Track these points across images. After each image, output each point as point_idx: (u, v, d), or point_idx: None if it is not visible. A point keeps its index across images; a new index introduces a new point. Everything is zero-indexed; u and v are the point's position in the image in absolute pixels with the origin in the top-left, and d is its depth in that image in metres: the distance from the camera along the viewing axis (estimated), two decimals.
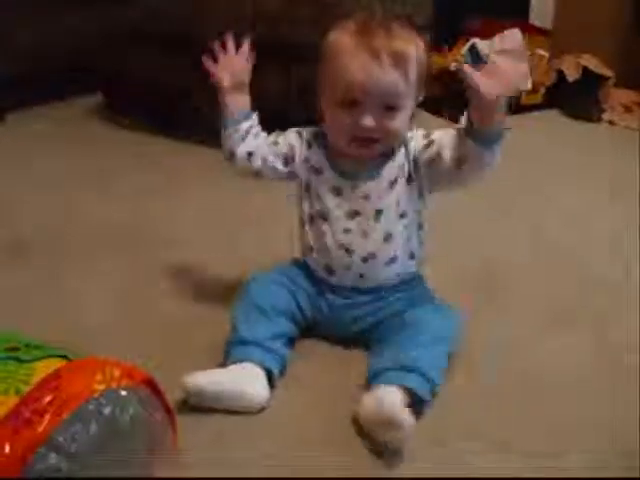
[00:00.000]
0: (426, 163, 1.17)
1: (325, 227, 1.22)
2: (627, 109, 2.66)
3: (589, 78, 2.60)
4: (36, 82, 2.39)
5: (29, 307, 1.37)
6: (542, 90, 2.65)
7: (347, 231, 1.20)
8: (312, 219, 1.24)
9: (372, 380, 1.11)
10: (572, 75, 2.60)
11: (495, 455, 1.04)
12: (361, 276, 1.22)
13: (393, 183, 1.19)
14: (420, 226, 1.25)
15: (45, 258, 1.56)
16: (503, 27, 2.65)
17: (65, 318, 1.33)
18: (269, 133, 1.27)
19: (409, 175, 1.19)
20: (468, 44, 2.66)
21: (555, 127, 2.56)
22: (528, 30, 2.75)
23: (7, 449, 0.76)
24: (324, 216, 1.22)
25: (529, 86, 2.61)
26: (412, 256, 1.25)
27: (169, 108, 2.31)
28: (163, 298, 1.40)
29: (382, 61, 1.09)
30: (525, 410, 1.14)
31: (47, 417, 0.78)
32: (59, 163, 2.08)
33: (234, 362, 1.14)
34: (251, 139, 1.25)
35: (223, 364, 1.15)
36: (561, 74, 2.63)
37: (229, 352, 1.16)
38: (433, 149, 1.16)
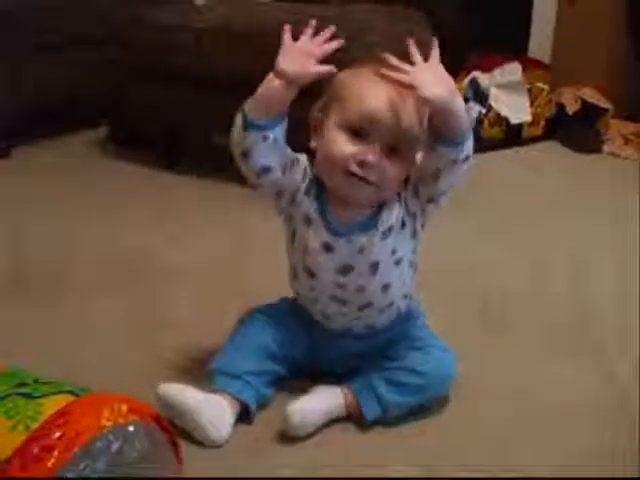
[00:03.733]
0: (411, 196, 1.14)
1: (314, 283, 1.17)
2: (626, 140, 2.68)
3: (588, 110, 2.63)
4: (40, 116, 2.42)
5: (29, 340, 1.38)
6: (542, 122, 2.68)
7: (341, 286, 1.16)
8: (297, 273, 1.19)
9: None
10: (572, 107, 2.63)
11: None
12: (357, 319, 1.21)
13: (387, 232, 1.13)
14: (411, 264, 1.19)
15: (46, 291, 1.57)
16: (503, 61, 2.70)
17: (65, 352, 1.33)
18: None
19: (402, 221, 1.14)
20: (469, 77, 2.69)
21: (555, 159, 2.58)
22: (528, 64, 2.79)
23: None
24: (312, 273, 1.16)
25: (529, 118, 2.63)
26: (405, 296, 1.22)
27: (171, 141, 2.33)
28: (164, 331, 1.41)
29: (405, 100, 1.06)
30: (524, 440, 1.14)
31: (56, 453, 0.79)
32: (62, 196, 2.09)
33: (214, 391, 1.14)
34: (272, 152, 1.09)
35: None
36: (561, 106, 2.66)
37: (211, 379, 1.17)
38: (413, 180, 1.13)
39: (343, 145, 1.07)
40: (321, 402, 1.14)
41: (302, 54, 1.07)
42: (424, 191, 1.13)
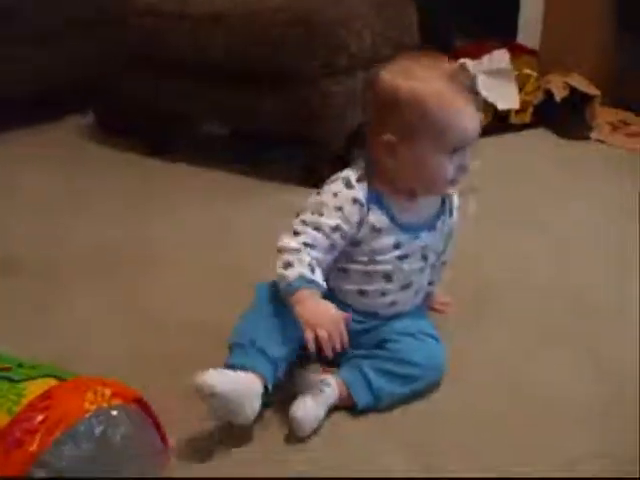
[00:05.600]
0: None
1: (388, 286, 1.22)
2: (614, 127, 2.69)
3: (576, 97, 2.62)
4: (28, 103, 2.40)
5: (18, 327, 1.37)
6: (530, 109, 2.67)
7: (419, 271, 1.24)
8: (372, 276, 1.22)
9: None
10: (560, 94, 2.62)
11: (487, 475, 1.05)
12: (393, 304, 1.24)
13: (440, 232, 1.25)
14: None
15: (35, 279, 1.56)
16: (491, 48, 2.69)
17: (55, 338, 1.33)
18: None
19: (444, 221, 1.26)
20: (457, 64, 2.69)
21: (543, 145, 2.58)
22: (516, 50, 2.78)
23: None
24: (387, 275, 1.21)
25: (517, 105, 2.63)
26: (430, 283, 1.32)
27: (162, 130, 2.32)
28: (154, 319, 1.41)
29: (474, 107, 1.14)
30: (518, 428, 1.14)
31: (38, 437, 0.79)
32: (50, 184, 2.08)
33: (240, 366, 1.10)
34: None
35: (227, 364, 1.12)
36: (549, 93, 2.66)
37: (236, 352, 1.13)
38: None
39: (449, 166, 1.14)
40: (319, 399, 1.13)
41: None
42: None
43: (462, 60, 2.66)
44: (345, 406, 1.16)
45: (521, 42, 2.99)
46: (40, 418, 0.80)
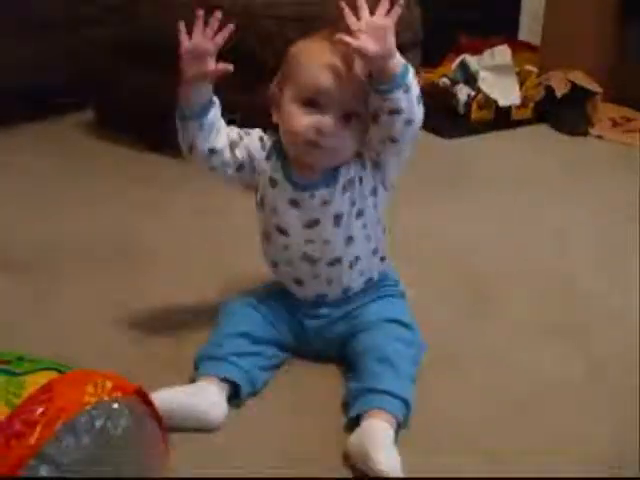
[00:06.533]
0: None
1: (286, 241, 1.21)
2: (615, 123, 2.68)
3: (577, 93, 2.62)
4: (26, 98, 2.39)
5: (17, 321, 1.37)
6: (531, 105, 2.67)
7: (309, 242, 1.20)
8: (270, 234, 1.23)
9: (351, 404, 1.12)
10: (560, 90, 2.62)
11: (486, 467, 1.04)
12: (329, 283, 1.23)
13: (347, 185, 1.18)
14: (378, 221, 1.24)
15: (35, 274, 1.56)
16: (492, 44, 2.69)
17: (55, 333, 1.33)
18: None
19: (360, 177, 1.19)
20: (458, 60, 2.69)
21: (544, 142, 2.57)
22: (517, 46, 2.78)
23: None
24: (283, 230, 1.21)
25: (518, 101, 2.63)
26: (375, 252, 1.25)
27: (159, 124, 2.31)
28: (152, 314, 1.40)
29: (352, 68, 1.11)
30: (514, 421, 1.14)
31: (38, 429, 0.78)
32: (48, 179, 2.08)
33: (200, 376, 1.15)
34: (214, 135, 1.19)
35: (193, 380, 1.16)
36: (550, 89, 2.65)
37: (196, 368, 1.18)
38: None
39: (300, 118, 1.13)
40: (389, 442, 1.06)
41: (197, 54, 1.13)
42: (370, 140, 1.17)
43: (463, 56, 2.67)
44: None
45: (522, 38, 2.99)
46: (40, 410, 0.79)
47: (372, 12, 1.08)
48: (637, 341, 1.34)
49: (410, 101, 1.10)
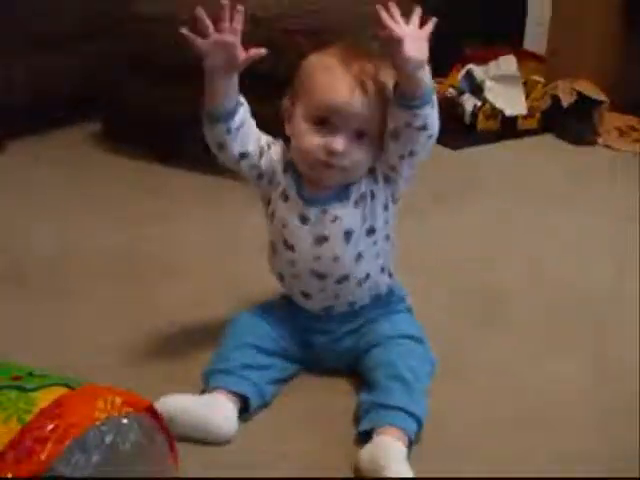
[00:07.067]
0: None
1: (294, 256, 1.21)
2: (621, 133, 2.68)
3: (584, 103, 2.62)
4: (36, 110, 2.40)
5: (27, 335, 1.38)
6: (537, 115, 2.67)
7: (317, 258, 1.19)
8: (277, 247, 1.23)
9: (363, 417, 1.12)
10: (567, 100, 2.62)
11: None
12: (336, 297, 1.23)
13: (358, 201, 1.18)
14: (387, 237, 1.23)
15: (44, 285, 1.57)
16: (498, 53, 2.69)
17: (63, 346, 1.34)
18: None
19: (372, 192, 1.19)
20: (464, 70, 2.69)
21: (551, 152, 2.57)
22: (523, 56, 2.78)
23: None
24: (290, 246, 1.20)
25: (525, 111, 2.63)
26: (383, 269, 1.25)
27: (168, 137, 2.32)
28: (161, 327, 1.41)
29: (367, 87, 1.10)
30: (523, 435, 1.14)
31: (49, 445, 0.79)
32: (58, 191, 2.09)
33: (210, 389, 1.15)
34: (244, 137, 1.16)
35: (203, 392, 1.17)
36: (556, 99, 2.65)
37: (206, 381, 1.18)
38: None
39: (311, 137, 1.13)
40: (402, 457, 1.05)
41: (224, 43, 1.09)
42: (386, 156, 1.16)
43: (469, 66, 2.67)
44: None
45: (528, 48, 2.98)
46: (51, 427, 0.80)
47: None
48: None
49: (435, 117, 1.11)
